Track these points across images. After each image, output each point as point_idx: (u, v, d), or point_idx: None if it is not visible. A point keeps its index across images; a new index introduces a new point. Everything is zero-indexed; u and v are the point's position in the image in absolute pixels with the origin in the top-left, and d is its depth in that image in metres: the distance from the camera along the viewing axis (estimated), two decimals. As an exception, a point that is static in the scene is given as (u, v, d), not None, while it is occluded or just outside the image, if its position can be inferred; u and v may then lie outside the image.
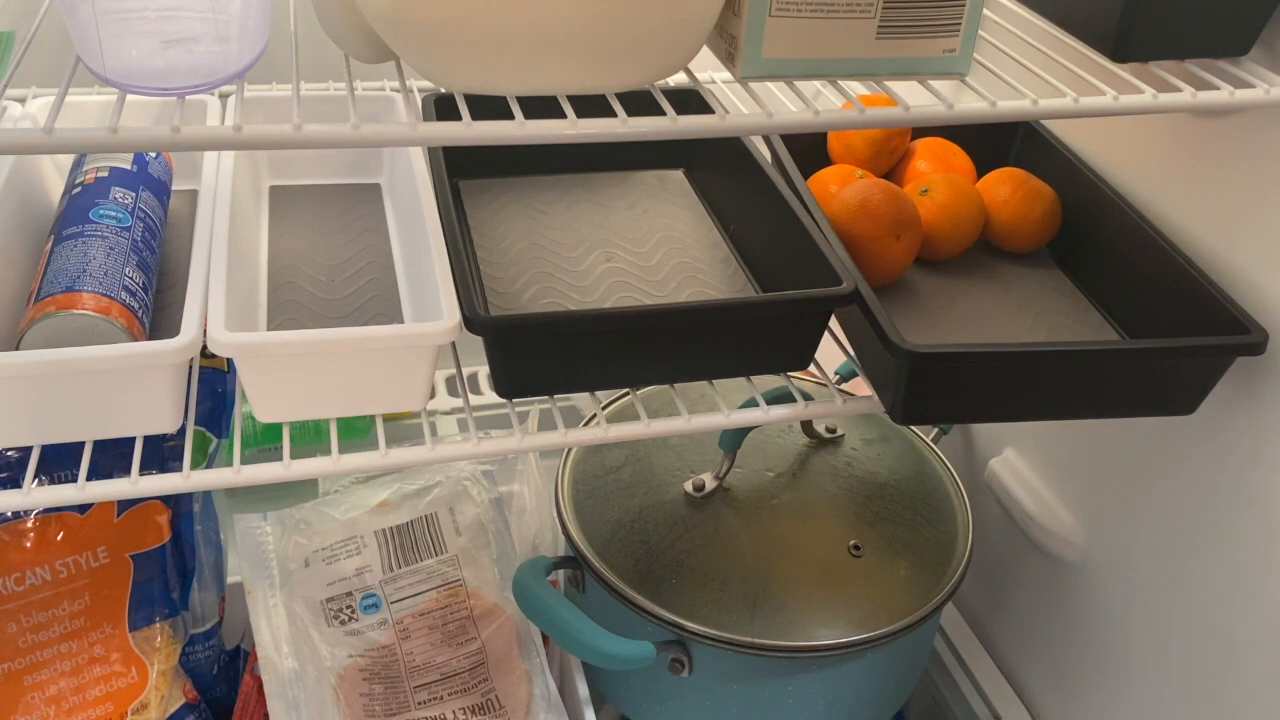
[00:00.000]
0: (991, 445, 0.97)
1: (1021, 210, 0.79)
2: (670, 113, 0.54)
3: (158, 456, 0.77)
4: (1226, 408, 0.70)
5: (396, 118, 0.81)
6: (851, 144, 0.85)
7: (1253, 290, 0.68)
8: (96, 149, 0.48)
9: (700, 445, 0.90)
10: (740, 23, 0.54)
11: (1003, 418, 0.71)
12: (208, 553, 0.84)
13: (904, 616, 0.78)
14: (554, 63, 0.52)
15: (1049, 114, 0.59)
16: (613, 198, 0.83)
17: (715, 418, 0.68)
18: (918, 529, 0.84)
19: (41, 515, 0.76)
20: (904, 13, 0.55)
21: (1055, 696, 0.92)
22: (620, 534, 0.82)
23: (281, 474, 0.62)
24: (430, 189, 0.73)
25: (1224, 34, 0.64)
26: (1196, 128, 0.73)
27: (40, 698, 0.76)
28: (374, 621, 0.84)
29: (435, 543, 0.87)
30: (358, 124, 0.49)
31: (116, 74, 0.49)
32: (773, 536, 0.82)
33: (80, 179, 0.69)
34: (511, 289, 0.72)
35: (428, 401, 0.65)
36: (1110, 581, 0.84)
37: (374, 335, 0.61)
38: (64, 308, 0.60)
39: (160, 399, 0.60)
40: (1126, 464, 0.81)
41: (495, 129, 0.51)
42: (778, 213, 0.74)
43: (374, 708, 0.81)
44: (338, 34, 0.57)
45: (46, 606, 0.77)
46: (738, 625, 0.76)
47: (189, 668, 0.83)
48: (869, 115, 0.56)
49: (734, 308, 0.68)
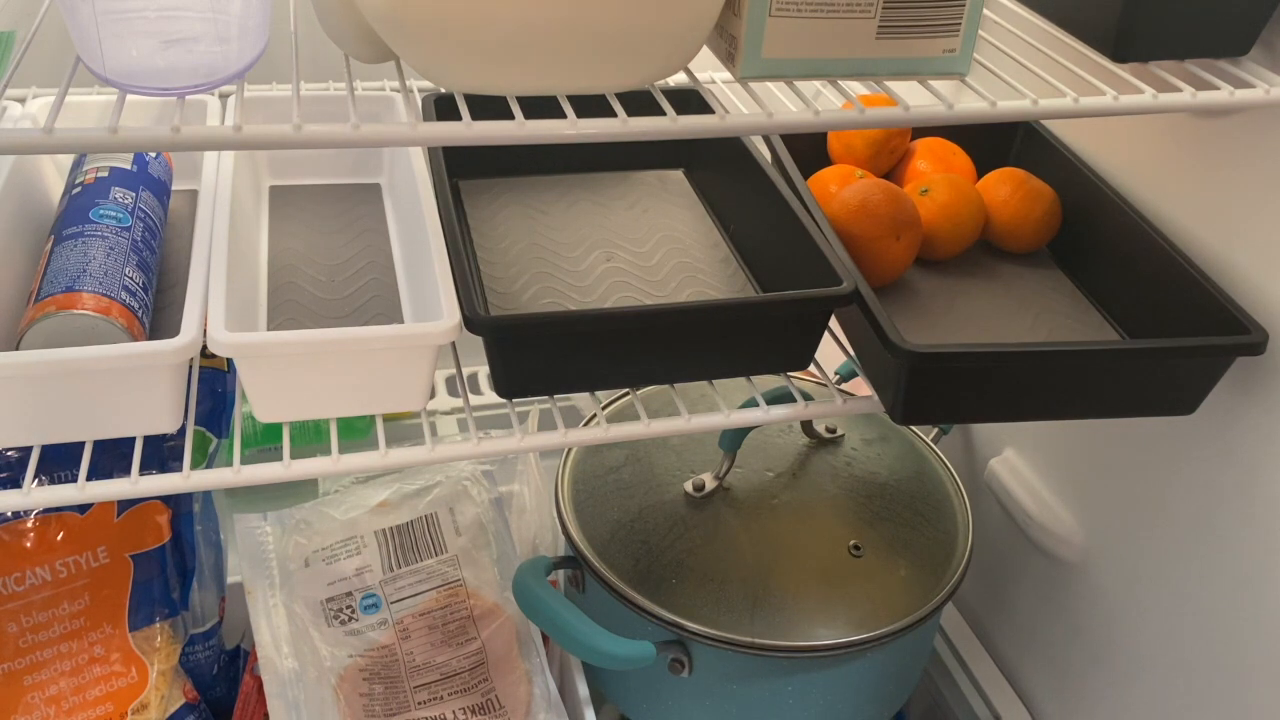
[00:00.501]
0: (991, 445, 0.97)
1: (1021, 210, 0.79)
2: (670, 113, 0.54)
3: (158, 456, 0.77)
4: (1226, 408, 0.70)
5: (396, 118, 0.81)
6: (851, 144, 0.85)
7: (1253, 290, 0.68)
8: (96, 149, 0.48)
9: (700, 445, 0.90)
10: (740, 23, 0.54)
11: (1003, 418, 0.71)
12: (208, 553, 0.84)
13: (904, 616, 0.78)
14: (554, 63, 0.52)
15: (1049, 114, 0.59)
16: (613, 198, 0.83)
17: (715, 418, 0.68)
18: (918, 529, 0.84)
19: (41, 515, 0.76)
20: (904, 13, 0.55)
21: (1055, 696, 0.92)
22: (620, 534, 0.82)
23: (281, 474, 0.62)
24: (430, 189, 0.73)
25: (1224, 34, 0.64)
26: (1196, 128, 0.73)
27: (40, 698, 0.76)
28: (374, 621, 0.84)
29: (435, 543, 0.87)
30: (358, 124, 0.49)
31: (116, 74, 0.49)
32: (773, 536, 0.82)
33: (80, 179, 0.69)
34: (511, 289, 0.72)
35: (428, 401, 0.65)
36: (1110, 581, 0.84)
37: (374, 335, 0.61)
38: (64, 308, 0.60)
39: (160, 399, 0.60)
40: (1127, 464, 0.81)
41: (495, 129, 0.51)
42: (778, 213, 0.74)
43: (374, 708, 0.81)
44: (338, 34, 0.57)
45: (46, 606, 0.77)
46: (738, 625, 0.76)
47: (189, 668, 0.83)
48: (869, 115, 0.56)
49: (734, 308, 0.68)
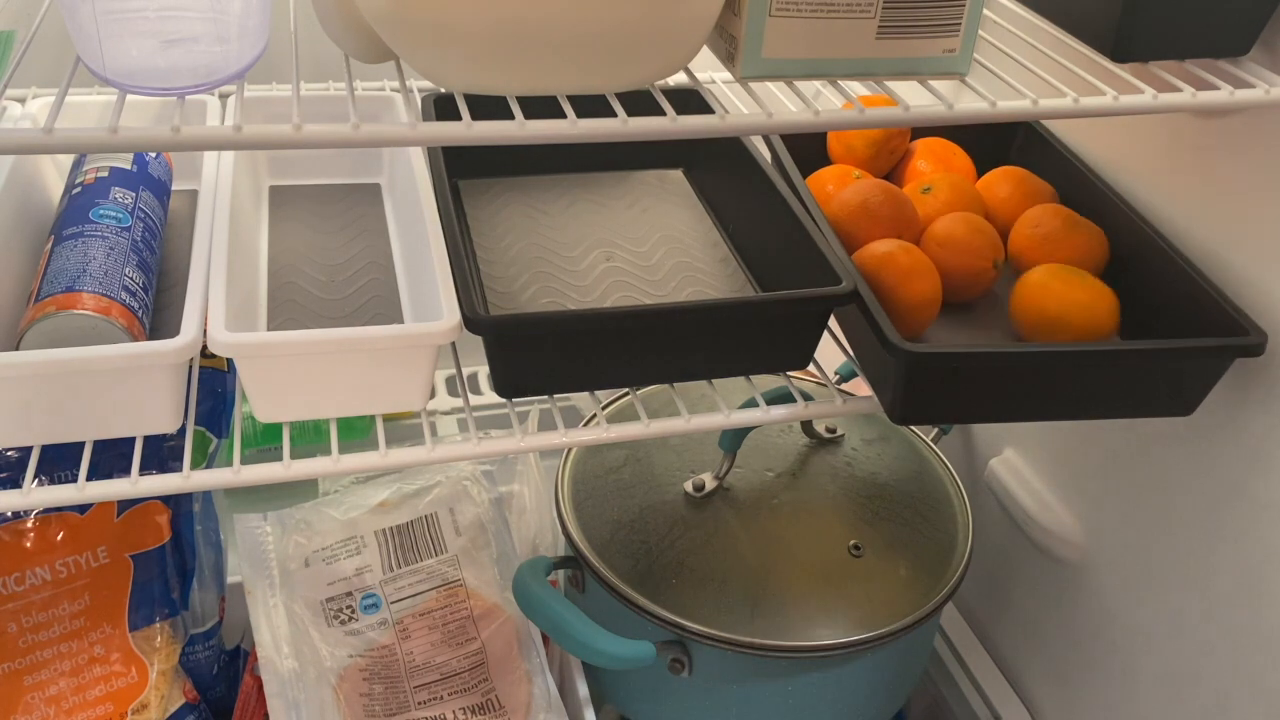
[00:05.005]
0: (991, 445, 0.97)
1: (1021, 210, 0.79)
2: (670, 113, 0.54)
3: (158, 456, 0.77)
4: (1226, 408, 0.70)
5: (396, 118, 0.81)
6: (851, 144, 0.85)
7: (1252, 291, 0.68)
8: (96, 149, 0.48)
9: (700, 445, 0.90)
10: (740, 23, 0.54)
11: (1002, 418, 0.71)
12: (208, 553, 0.84)
13: (904, 616, 0.78)
14: (554, 63, 0.52)
15: (1049, 114, 0.59)
16: (613, 197, 0.83)
17: (715, 418, 0.68)
18: (918, 529, 0.84)
19: (41, 515, 0.76)
20: (904, 13, 0.55)
21: (1055, 696, 0.92)
22: (620, 534, 0.82)
23: (281, 474, 0.62)
24: (430, 189, 0.73)
25: (1224, 34, 0.64)
26: (1196, 128, 0.73)
27: (40, 698, 0.76)
28: (374, 621, 0.84)
29: (435, 543, 0.87)
30: (358, 124, 0.49)
31: (116, 74, 0.49)
32: (773, 536, 0.82)
33: (80, 179, 0.69)
34: (511, 289, 0.72)
35: (428, 401, 0.65)
36: (1110, 581, 0.84)
37: (374, 335, 0.61)
38: (64, 308, 0.60)
39: (160, 399, 0.60)
40: (1126, 464, 0.81)
41: (495, 129, 0.51)
42: (778, 213, 0.74)
43: (374, 708, 0.81)
44: (338, 34, 0.57)
45: (46, 606, 0.77)
46: (738, 625, 0.76)
47: (189, 668, 0.83)
48: (869, 115, 0.56)
49: (734, 307, 0.68)
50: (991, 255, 0.73)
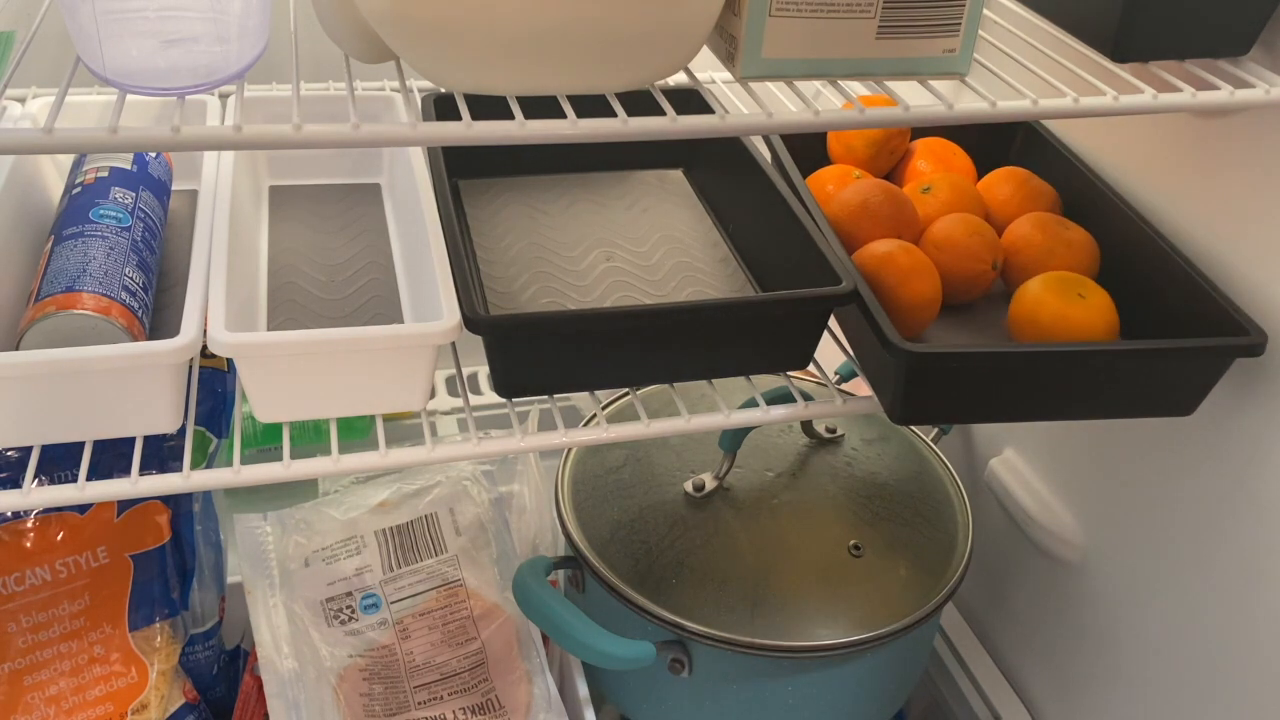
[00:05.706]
0: (991, 445, 0.97)
1: (1022, 210, 0.79)
2: (670, 113, 0.54)
3: (158, 456, 0.77)
4: (1226, 409, 0.70)
5: (396, 118, 0.81)
6: (851, 144, 0.85)
7: (1252, 291, 0.68)
8: (96, 149, 0.48)
9: (700, 445, 0.90)
10: (740, 23, 0.54)
11: (1001, 418, 0.71)
12: (208, 553, 0.84)
13: (904, 616, 0.78)
14: (554, 63, 0.52)
15: (1049, 114, 0.59)
16: (613, 198, 0.83)
17: (715, 418, 0.68)
18: (918, 529, 0.84)
19: (41, 515, 0.76)
20: (904, 13, 0.55)
21: (1055, 696, 0.92)
22: (620, 534, 0.82)
23: (281, 474, 0.62)
24: (430, 189, 0.73)
25: (1224, 34, 0.64)
26: (1197, 128, 0.73)
27: (40, 698, 0.76)
28: (374, 621, 0.84)
29: (435, 543, 0.87)
30: (358, 124, 0.49)
31: (116, 74, 0.49)
32: (773, 536, 0.82)
33: (80, 179, 0.69)
34: (511, 289, 0.72)
35: (428, 401, 0.65)
36: (1110, 581, 0.84)
37: (374, 335, 0.61)
38: (64, 308, 0.60)
39: (160, 399, 0.60)
40: (1126, 464, 0.81)
41: (495, 129, 0.51)
42: (778, 212, 0.74)
43: (374, 708, 0.81)
44: (338, 34, 0.57)
45: (46, 606, 0.77)
46: (738, 625, 0.76)
47: (189, 668, 0.83)
48: (869, 115, 0.56)
49: (734, 307, 0.68)
50: (990, 257, 0.73)
